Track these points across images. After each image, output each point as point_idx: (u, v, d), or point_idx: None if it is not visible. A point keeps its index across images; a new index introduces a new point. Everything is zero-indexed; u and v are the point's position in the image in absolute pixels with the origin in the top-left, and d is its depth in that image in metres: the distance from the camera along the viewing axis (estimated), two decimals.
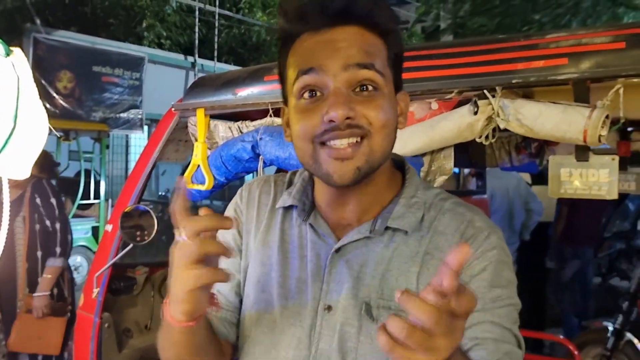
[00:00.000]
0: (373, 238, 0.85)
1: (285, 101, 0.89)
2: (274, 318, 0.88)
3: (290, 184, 0.96)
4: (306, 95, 0.80)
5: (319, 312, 0.85)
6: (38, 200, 3.01)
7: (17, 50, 0.88)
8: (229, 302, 0.95)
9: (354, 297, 0.83)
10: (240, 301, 0.95)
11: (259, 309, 0.90)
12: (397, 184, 0.90)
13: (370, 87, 0.79)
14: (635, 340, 3.27)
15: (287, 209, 0.93)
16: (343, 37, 0.79)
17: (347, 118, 0.76)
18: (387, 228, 0.85)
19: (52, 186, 3.14)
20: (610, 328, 3.34)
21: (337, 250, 0.86)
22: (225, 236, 0.95)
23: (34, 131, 0.93)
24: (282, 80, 0.88)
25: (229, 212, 0.99)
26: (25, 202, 2.98)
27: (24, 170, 0.97)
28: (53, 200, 3.05)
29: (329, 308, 0.84)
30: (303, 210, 0.90)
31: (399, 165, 0.93)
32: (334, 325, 0.84)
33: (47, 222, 3.00)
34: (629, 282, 3.54)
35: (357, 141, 0.78)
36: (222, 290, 0.94)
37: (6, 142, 0.86)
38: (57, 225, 3.04)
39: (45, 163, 3.23)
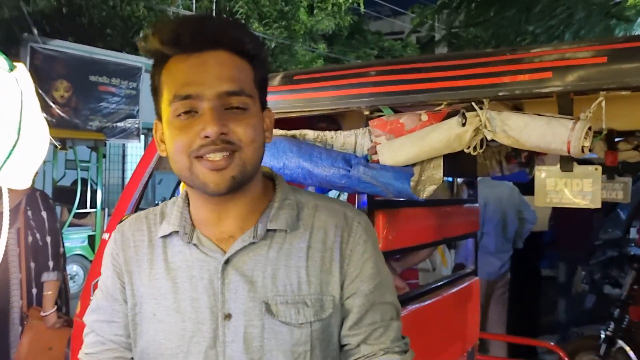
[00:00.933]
0: (257, 243, 0.92)
1: (159, 116, 0.93)
2: (177, 343, 0.92)
3: (163, 215, 1.00)
4: (181, 113, 0.87)
5: (219, 322, 0.90)
6: (29, 213, 2.99)
7: (20, 66, 0.92)
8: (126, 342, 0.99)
9: (252, 300, 0.90)
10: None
11: (159, 339, 0.93)
12: (270, 192, 0.98)
13: (240, 107, 0.87)
14: (627, 348, 3.31)
15: (166, 238, 0.97)
16: (214, 61, 0.87)
17: (222, 134, 0.84)
18: (268, 231, 0.93)
19: (45, 198, 3.10)
20: (602, 335, 3.37)
21: (227, 262, 0.91)
22: (107, 283, 1.00)
23: (35, 143, 0.97)
24: (156, 95, 0.93)
25: (107, 258, 1.02)
26: (20, 214, 2.97)
27: (25, 180, 1.01)
28: (44, 214, 3.01)
29: (229, 316, 0.90)
30: (185, 233, 0.94)
31: (269, 176, 1.01)
32: (236, 331, 0.90)
33: (38, 236, 2.97)
34: (620, 289, 3.58)
35: (229, 154, 0.86)
36: (117, 334, 0.99)
37: (10, 154, 0.90)
38: (48, 239, 2.99)
39: None
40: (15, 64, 0.91)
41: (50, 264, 2.97)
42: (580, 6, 5.48)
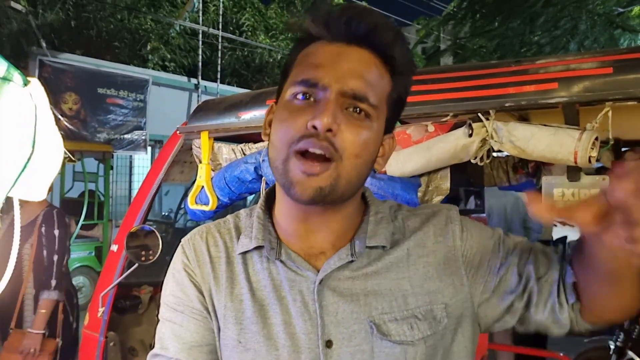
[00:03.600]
0: (354, 261, 0.83)
1: (278, 98, 0.85)
2: None
3: (238, 229, 0.91)
4: (300, 96, 0.79)
5: (321, 350, 0.79)
6: (43, 230, 2.99)
7: (34, 80, 0.94)
8: None
9: (356, 322, 0.80)
10: None
11: None
12: (361, 205, 0.90)
13: (362, 112, 0.78)
14: (637, 359, 3.27)
15: (245, 254, 0.87)
16: (354, 57, 0.79)
17: (329, 130, 0.75)
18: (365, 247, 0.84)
19: (61, 216, 3.09)
20: (612, 346, 3.34)
21: (320, 282, 0.82)
22: (192, 300, 0.87)
23: (50, 155, 0.98)
24: (284, 77, 0.85)
25: (179, 274, 0.89)
26: (35, 230, 2.99)
27: (40, 192, 1.02)
28: (56, 232, 3.01)
29: (329, 343, 0.80)
30: (272, 248, 0.84)
31: None
32: (341, 359, 0.79)
33: (45, 253, 2.97)
34: None
35: (324, 161, 0.76)
36: None
37: (25, 166, 0.91)
38: (55, 257, 2.99)
39: None
40: (29, 78, 0.92)
41: (53, 282, 2.94)
42: (585, 17, 5.50)
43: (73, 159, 6.06)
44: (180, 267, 0.89)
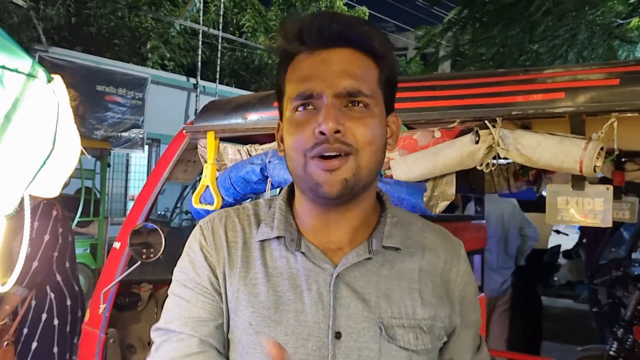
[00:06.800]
0: (371, 259, 0.87)
1: (282, 116, 0.91)
2: None
3: (257, 217, 0.94)
4: (300, 109, 0.84)
5: (330, 340, 0.83)
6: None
7: (57, 77, 0.95)
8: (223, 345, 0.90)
9: (366, 320, 0.84)
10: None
11: (254, 352, 0.85)
12: (377, 207, 0.95)
13: (361, 104, 0.83)
14: None
15: (264, 242, 0.91)
16: (338, 58, 0.84)
17: (337, 132, 0.80)
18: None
19: (35, 211, 2.86)
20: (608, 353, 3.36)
21: (337, 275, 0.86)
22: (203, 279, 0.89)
23: (67, 153, 1.00)
24: (280, 95, 0.91)
25: (195, 253, 0.91)
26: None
27: (54, 189, 1.03)
28: (36, 224, 2.86)
29: (338, 335, 0.83)
30: (292, 239, 0.88)
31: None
32: (348, 352, 0.83)
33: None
34: (624, 309, 3.57)
35: (344, 154, 0.81)
36: (213, 336, 0.88)
37: (44, 163, 0.92)
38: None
39: None
40: (52, 75, 0.94)
41: None
42: (584, 27, 5.53)
43: (87, 154, 6.02)
44: (197, 247, 0.92)
